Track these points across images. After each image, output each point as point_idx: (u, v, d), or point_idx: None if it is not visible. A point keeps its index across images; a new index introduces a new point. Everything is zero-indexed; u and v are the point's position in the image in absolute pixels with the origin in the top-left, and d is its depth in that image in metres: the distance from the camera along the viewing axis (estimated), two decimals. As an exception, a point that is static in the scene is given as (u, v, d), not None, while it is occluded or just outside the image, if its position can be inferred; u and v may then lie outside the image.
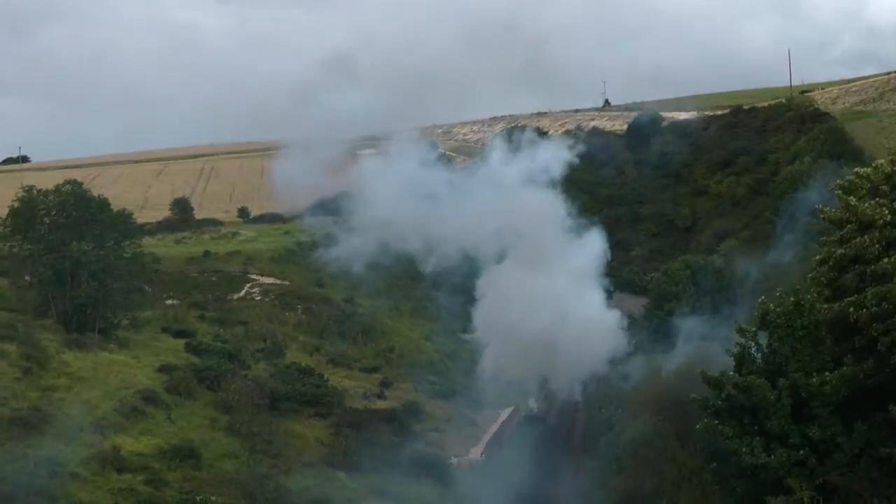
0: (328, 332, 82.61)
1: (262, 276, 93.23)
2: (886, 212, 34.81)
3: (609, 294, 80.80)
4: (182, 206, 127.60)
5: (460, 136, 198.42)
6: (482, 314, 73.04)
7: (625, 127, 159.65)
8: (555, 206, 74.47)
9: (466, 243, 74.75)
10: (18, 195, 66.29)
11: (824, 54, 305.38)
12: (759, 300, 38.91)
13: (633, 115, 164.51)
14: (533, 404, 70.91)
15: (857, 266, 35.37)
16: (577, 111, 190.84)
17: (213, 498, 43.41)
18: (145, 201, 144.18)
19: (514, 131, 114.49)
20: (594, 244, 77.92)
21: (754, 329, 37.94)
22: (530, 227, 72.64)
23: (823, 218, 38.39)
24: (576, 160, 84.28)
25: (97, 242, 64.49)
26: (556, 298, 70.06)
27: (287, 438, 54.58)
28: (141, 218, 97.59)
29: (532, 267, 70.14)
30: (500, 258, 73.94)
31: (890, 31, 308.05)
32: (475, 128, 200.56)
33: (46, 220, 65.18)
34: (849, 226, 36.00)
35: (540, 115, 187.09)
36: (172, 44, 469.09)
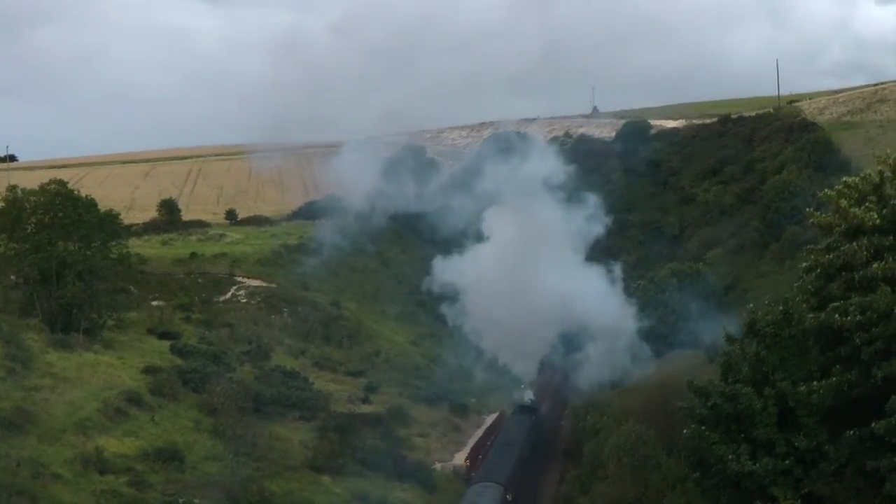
0: (314, 336, 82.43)
1: (248, 278, 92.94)
2: (875, 216, 34.91)
3: None
4: (169, 208, 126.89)
5: (449, 142, 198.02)
6: (476, 302, 72.66)
7: (613, 134, 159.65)
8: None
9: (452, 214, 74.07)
10: (4, 194, 66.00)
11: (813, 65, 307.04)
12: (748, 308, 38.93)
13: (622, 122, 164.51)
14: (528, 395, 70.62)
15: (844, 274, 35.44)
16: (565, 118, 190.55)
17: (197, 501, 43.20)
18: (132, 202, 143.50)
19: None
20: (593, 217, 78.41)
21: (741, 337, 37.96)
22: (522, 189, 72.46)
23: (813, 222, 38.45)
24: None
25: (83, 243, 64.18)
26: (563, 288, 69.97)
27: (271, 441, 54.36)
28: (128, 219, 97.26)
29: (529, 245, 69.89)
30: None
31: (878, 42, 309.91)
32: (463, 133, 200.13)
33: (33, 219, 64.80)
34: (837, 229, 36.08)
35: (528, 121, 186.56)
36: (162, 46, 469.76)
